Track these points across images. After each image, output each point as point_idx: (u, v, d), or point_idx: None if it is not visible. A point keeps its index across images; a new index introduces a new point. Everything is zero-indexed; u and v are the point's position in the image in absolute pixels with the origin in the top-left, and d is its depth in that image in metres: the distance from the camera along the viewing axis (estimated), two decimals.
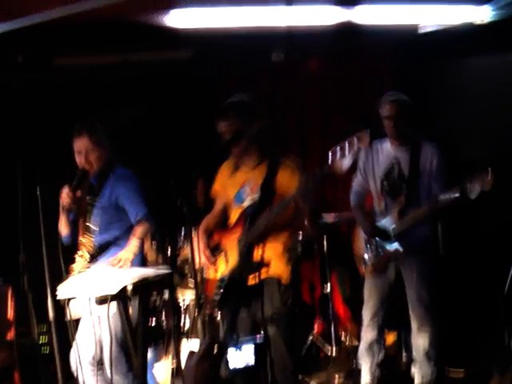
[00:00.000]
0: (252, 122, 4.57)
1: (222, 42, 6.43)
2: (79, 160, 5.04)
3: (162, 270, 4.22)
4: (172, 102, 7.31)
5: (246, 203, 4.62)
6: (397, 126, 5.38)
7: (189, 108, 7.27)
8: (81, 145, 5.02)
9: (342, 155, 4.09)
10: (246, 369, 2.34)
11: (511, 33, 6.69)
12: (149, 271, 4.12)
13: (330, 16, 6.11)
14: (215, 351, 2.24)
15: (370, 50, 7.17)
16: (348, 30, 6.37)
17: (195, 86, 7.56)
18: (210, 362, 2.22)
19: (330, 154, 4.13)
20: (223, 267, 4.60)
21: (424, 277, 5.40)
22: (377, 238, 5.45)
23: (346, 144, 4.08)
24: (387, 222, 5.38)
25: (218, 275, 4.62)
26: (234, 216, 4.71)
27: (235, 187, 4.71)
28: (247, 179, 4.67)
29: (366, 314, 5.64)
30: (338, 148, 4.09)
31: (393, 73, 7.13)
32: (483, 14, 6.50)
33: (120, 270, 4.22)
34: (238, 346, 2.26)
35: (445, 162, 5.40)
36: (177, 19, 5.85)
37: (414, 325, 5.52)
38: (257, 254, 4.49)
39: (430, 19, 6.52)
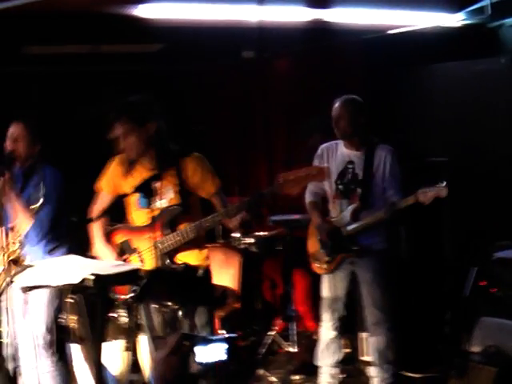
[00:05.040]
0: (146, 125, 4.45)
1: (192, 38, 6.41)
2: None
3: (127, 265, 4.21)
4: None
5: (159, 205, 4.51)
6: (348, 127, 5.38)
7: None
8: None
9: (293, 185, 4.05)
10: (216, 364, 2.35)
11: (479, 40, 6.76)
12: (113, 264, 4.10)
13: (301, 16, 6.11)
14: (184, 346, 2.25)
15: (340, 52, 7.20)
16: (319, 30, 6.39)
17: (161, 81, 7.55)
18: (179, 357, 2.23)
19: (281, 178, 4.06)
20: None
21: (378, 278, 5.40)
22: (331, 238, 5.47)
23: (301, 174, 4.03)
24: (341, 223, 5.41)
25: None
26: (140, 217, 4.60)
27: (135, 187, 4.52)
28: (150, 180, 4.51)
29: (324, 313, 5.65)
30: (292, 176, 4.02)
31: (362, 74, 7.16)
32: (454, 20, 6.56)
33: (84, 261, 4.18)
34: (206, 342, 2.27)
35: (398, 166, 5.40)
36: (146, 13, 5.82)
37: (369, 326, 5.55)
38: (179, 255, 4.52)
39: (402, 23, 6.56)
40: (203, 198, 4.65)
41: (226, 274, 6.41)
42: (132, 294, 4.42)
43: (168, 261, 4.47)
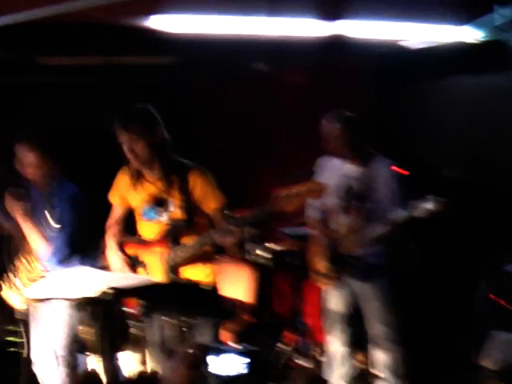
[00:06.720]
0: (153, 133, 4.45)
1: (204, 50, 6.42)
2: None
3: (141, 278, 4.22)
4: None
5: (163, 218, 4.54)
6: (337, 147, 5.35)
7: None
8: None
9: (287, 202, 4.04)
10: (235, 378, 2.35)
11: (488, 54, 6.76)
12: (128, 277, 4.10)
13: (313, 29, 6.12)
14: (200, 359, 2.24)
15: (353, 65, 7.21)
16: (331, 43, 6.39)
17: (173, 94, 7.55)
18: (194, 370, 2.22)
19: (274, 196, 4.05)
20: None
21: (379, 293, 5.40)
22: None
23: (295, 191, 4.02)
24: (340, 238, 5.39)
25: None
26: (146, 229, 4.64)
27: (141, 200, 4.60)
28: (154, 192, 4.57)
29: (330, 327, 5.64)
30: (286, 192, 4.02)
31: (374, 88, 7.17)
32: (463, 34, 6.56)
33: (98, 274, 4.19)
34: (220, 354, 2.26)
35: (399, 181, 5.34)
36: (159, 25, 5.83)
37: (373, 341, 5.51)
38: (185, 270, 4.53)
39: (410, 37, 6.56)
40: None
41: (235, 288, 6.39)
42: (142, 309, 4.43)
43: (172, 275, 4.47)
